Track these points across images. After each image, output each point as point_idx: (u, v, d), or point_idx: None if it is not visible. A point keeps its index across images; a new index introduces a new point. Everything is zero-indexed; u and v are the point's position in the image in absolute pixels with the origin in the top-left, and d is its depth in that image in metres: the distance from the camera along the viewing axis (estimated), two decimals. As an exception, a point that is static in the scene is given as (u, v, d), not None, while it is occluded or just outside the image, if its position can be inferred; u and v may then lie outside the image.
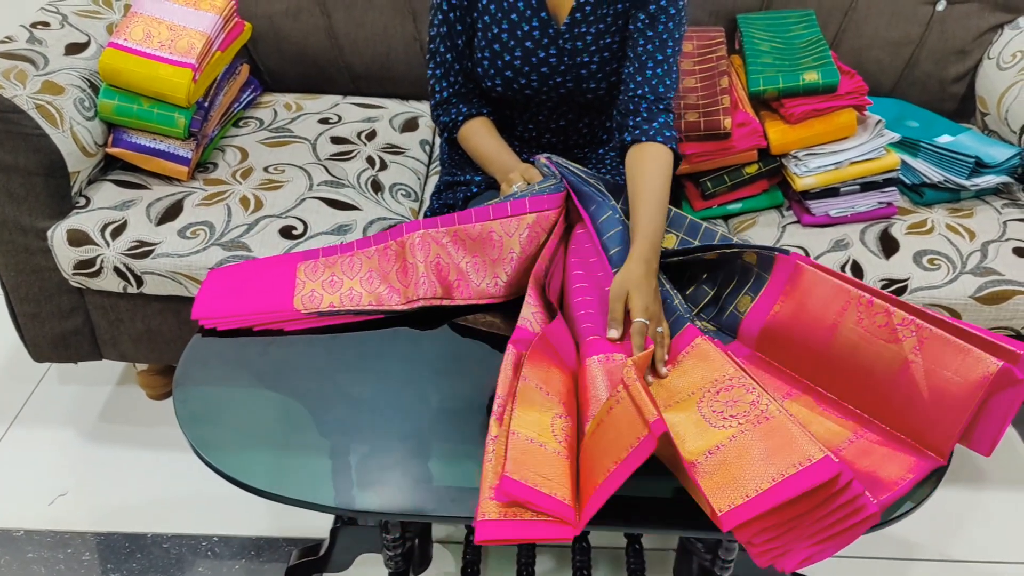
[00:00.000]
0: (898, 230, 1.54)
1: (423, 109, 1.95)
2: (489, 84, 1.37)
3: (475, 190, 1.44)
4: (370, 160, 1.72)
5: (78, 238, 1.47)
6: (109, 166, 1.63)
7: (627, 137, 1.29)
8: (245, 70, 1.85)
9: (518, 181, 1.23)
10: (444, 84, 1.40)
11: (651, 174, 1.22)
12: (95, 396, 1.84)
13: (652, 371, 1.01)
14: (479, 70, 1.36)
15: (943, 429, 0.89)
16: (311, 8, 1.88)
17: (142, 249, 1.46)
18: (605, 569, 1.50)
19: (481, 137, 1.40)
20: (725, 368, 0.95)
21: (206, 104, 1.62)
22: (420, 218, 1.63)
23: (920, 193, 1.61)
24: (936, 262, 1.47)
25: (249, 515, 1.58)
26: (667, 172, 1.24)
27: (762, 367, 1.03)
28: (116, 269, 1.48)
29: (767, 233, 1.57)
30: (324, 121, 1.84)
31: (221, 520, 1.57)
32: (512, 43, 1.32)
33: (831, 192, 1.55)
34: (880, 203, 1.56)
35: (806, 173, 1.54)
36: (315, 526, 1.55)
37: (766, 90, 1.59)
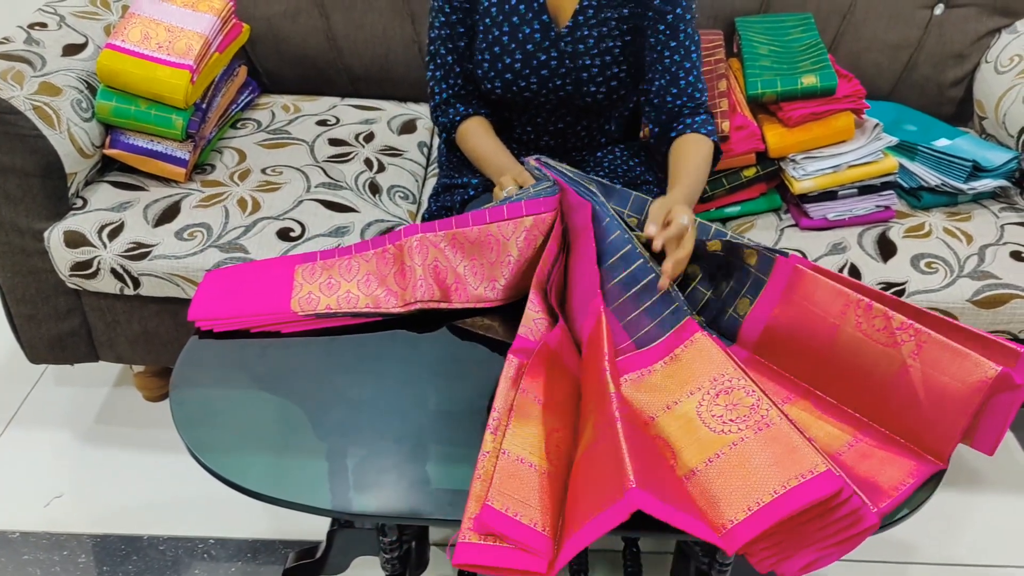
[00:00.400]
0: (896, 234, 1.54)
1: (421, 111, 1.95)
2: (489, 86, 1.37)
3: (473, 192, 1.44)
4: (368, 162, 1.71)
5: (75, 239, 1.47)
6: (106, 167, 1.63)
7: (671, 134, 1.34)
8: (243, 72, 1.85)
9: (509, 185, 1.23)
10: (444, 86, 1.40)
11: (693, 152, 1.29)
12: (92, 398, 1.84)
13: (643, 374, 1.01)
14: (479, 72, 1.36)
15: (942, 432, 0.89)
16: (310, 10, 1.88)
17: (139, 251, 1.46)
18: (602, 572, 1.50)
19: (479, 137, 1.40)
20: (724, 366, 0.95)
21: (204, 106, 1.62)
22: (418, 221, 1.63)
23: (918, 197, 1.61)
24: (934, 266, 1.47)
25: (245, 517, 1.57)
26: (707, 154, 1.31)
27: (761, 371, 1.03)
28: (113, 271, 1.47)
29: (765, 236, 1.57)
30: (322, 123, 1.84)
31: (217, 522, 1.57)
32: (513, 45, 1.32)
33: (829, 195, 1.55)
34: (878, 206, 1.56)
35: (804, 176, 1.54)
36: (312, 529, 1.55)
37: (764, 93, 1.59)
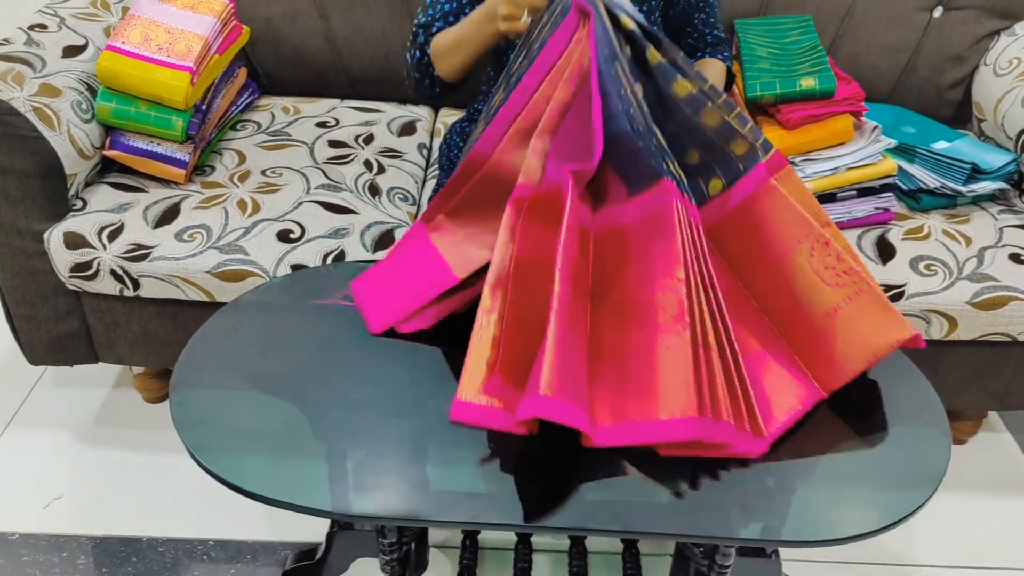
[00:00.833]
0: (895, 236, 1.54)
1: (421, 113, 1.95)
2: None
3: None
4: (368, 164, 1.72)
5: (75, 241, 1.47)
6: (106, 169, 1.63)
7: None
8: (243, 73, 1.85)
9: (503, 9, 1.15)
10: (431, 12, 1.37)
11: (706, 64, 1.43)
12: (91, 399, 1.84)
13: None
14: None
15: (839, 371, 0.97)
16: (309, 11, 1.88)
17: (139, 252, 1.46)
18: (601, 574, 1.50)
19: (449, 26, 1.35)
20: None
21: (204, 107, 1.62)
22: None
23: (917, 199, 1.62)
24: (932, 268, 1.48)
25: (245, 519, 1.57)
26: (721, 73, 1.43)
27: (712, 254, 1.04)
28: (113, 272, 1.47)
29: (764, 238, 1.57)
30: (322, 124, 1.84)
31: (217, 524, 1.57)
32: None
33: (828, 197, 1.55)
34: (877, 208, 1.57)
35: (803, 178, 1.54)
36: (311, 530, 1.55)
37: (763, 96, 1.59)
